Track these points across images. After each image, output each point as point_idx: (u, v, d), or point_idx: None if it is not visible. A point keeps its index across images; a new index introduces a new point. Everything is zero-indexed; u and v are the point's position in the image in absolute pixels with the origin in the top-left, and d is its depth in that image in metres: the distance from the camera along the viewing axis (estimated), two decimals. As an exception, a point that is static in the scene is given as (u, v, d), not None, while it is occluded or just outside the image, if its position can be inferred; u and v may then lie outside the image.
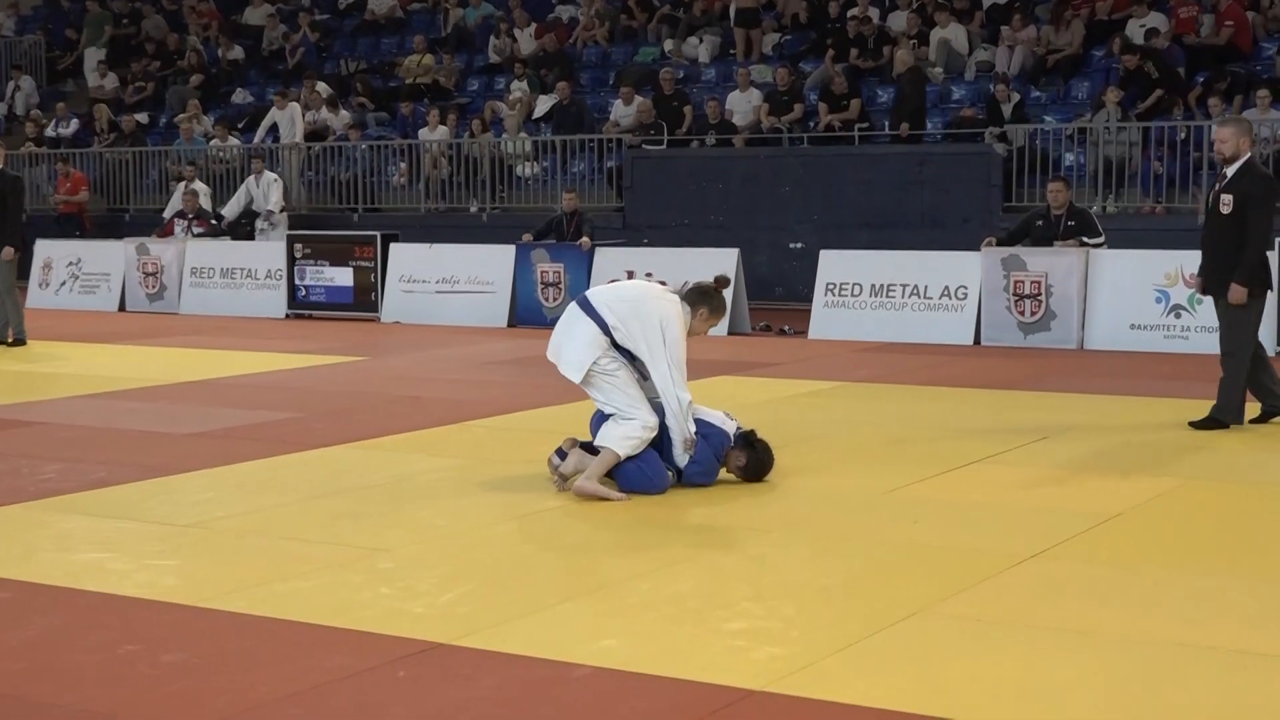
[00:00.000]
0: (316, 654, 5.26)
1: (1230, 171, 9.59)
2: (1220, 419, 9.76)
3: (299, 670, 5.09)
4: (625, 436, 7.77)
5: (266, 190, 21.05)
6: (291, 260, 18.99)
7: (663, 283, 8.62)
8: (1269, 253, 10.17)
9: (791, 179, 19.04)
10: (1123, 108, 17.88)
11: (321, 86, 24.35)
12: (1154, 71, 18.51)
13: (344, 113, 23.62)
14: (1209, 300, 13.91)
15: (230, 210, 21.24)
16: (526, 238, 17.47)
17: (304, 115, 23.25)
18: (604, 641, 5.36)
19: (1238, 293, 9.59)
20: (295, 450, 9.26)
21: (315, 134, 23.28)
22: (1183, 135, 17.33)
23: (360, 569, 6.39)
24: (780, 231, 18.99)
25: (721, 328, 16.19)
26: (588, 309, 7.98)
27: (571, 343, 7.98)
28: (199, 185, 21.62)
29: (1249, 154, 9.65)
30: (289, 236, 19.31)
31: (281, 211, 20.89)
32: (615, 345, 7.88)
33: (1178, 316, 14.36)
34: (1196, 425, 9.75)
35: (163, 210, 21.97)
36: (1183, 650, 5.22)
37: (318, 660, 5.19)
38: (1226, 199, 9.54)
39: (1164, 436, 9.69)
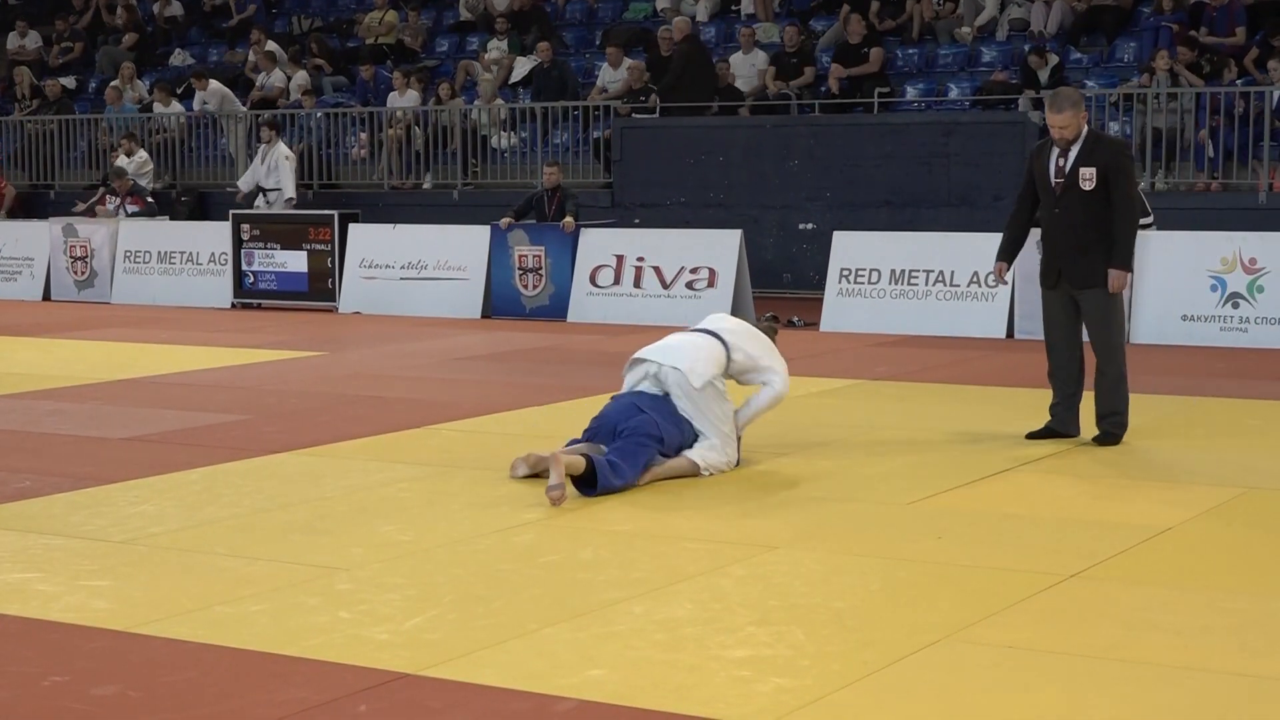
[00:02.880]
0: (267, 686, 5.25)
1: (1077, 148, 9.50)
2: (1117, 434, 9.59)
3: (247, 705, 5.09)
4: (710, 463, 8.64)
5: (275, 166, 20.38)
6: (238, 243, 18.97)
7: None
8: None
9: (801, 151, 19.05)
10: (1172, 76, 17.89)
11: (272, 46, 24.33)
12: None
13: (301, 73, 23.58)
14: (1271, 288, 14.12)
15: (245, 182, 20.81)
16: (506, 221, 17.46)
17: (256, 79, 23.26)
18: (591, 671, 5.36)
19: (1120, 279, 9.48)
20: (242, 457, 9.25)
21: (264, 101, 23.27)
22: (1240, 108, 17.34)
23: (316, 590, 6.39)
24: (788, 211, 19.00)
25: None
26: (704, 330, 9.02)
27: (697, 351, 8.78)
28: (140, 155, 21.59)
29: (1086, 126, 9.62)
30: (235, 216, 19.27)
31: (288, 201, 20.30)
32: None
33: (1235, 306, 14.38)
34: (1101, 440, 9.56)
35: (94, 186, 21.91)
36: (1243, 681, 5.22)
37: (268, 693, 5.18)
38: (1087, 172, 9.44)
39: (1221, 441, 9.71)
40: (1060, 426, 9.72)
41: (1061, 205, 9.56)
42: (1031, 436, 9.72)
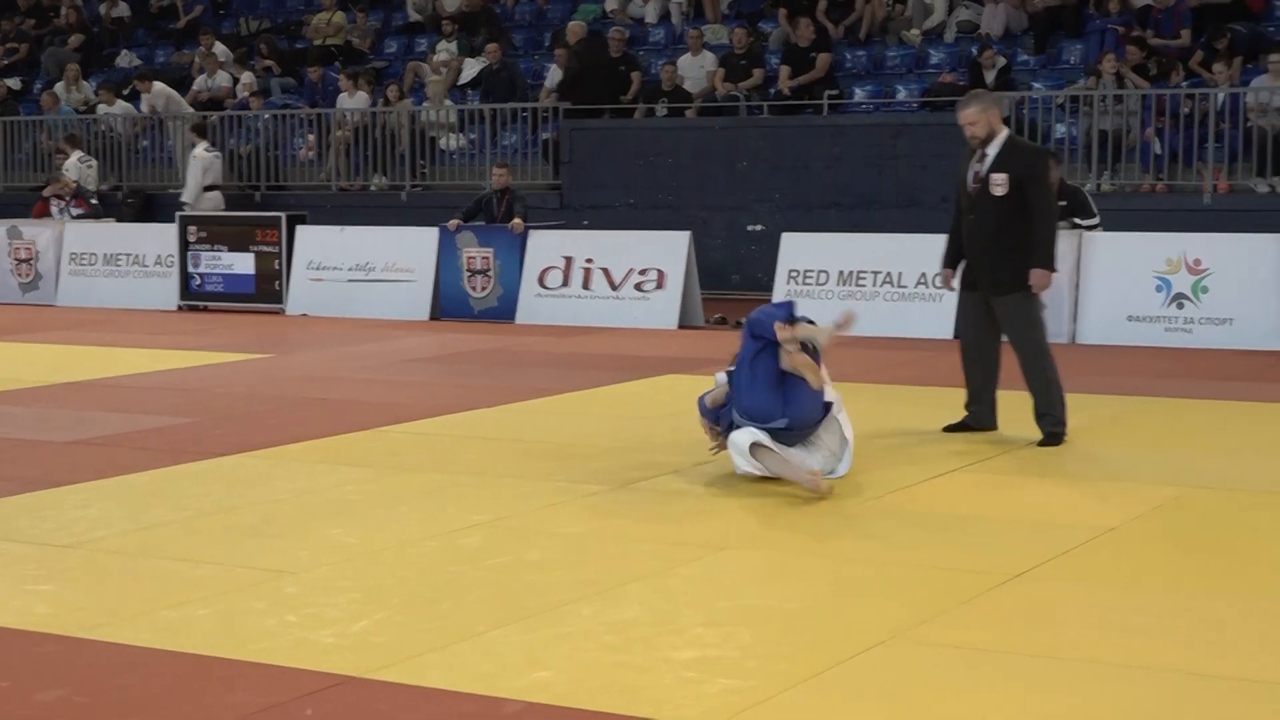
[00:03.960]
0: (213, 690, 5.22)
1: (992, 150, 9.57)
2: (1057, 432, 9.65)
3: (193, 709, 5.06)
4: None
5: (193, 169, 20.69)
6: (184, 245, 18.88)
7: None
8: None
9: (750, 153, 19.08)
10: (1118, 78, 17.99)
11: (219, 48, 24.22)
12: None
13: (247, 74, 23.48)
14: (1216, 289, 14.22)
15: (190, 192, 20.84)
16: (454, 223, 17.42)
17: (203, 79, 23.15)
18: (539, 673, 5.35)
19: (1043, 278, 9.52)
20: (189, 460, 9.20)
21: (212, 102, 23.16)
22: (1186, 109, 17.45)
23: (263, 594, 6.35)
24: (737, 212, 19.02)
25: (670, 320, 16.24)
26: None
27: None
28: (76, 155, 21.44)
29: (1006, 130, 9.69)
30: (181, 218, 19.19)
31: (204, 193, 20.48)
32: None
33: (1180, 307, 14.47)
34: (1044, 443, 9.57)
35: (41, 188, 21.78)
36: (1191, 680, 5.25)
37: (215, 697, 5.15)
38: (999, 178, 9.50)
39: (1165, 440, 9.77)
40: (975, 422, 9.85)
41: (976, 211, 9.65)
42: (949, 429, 9.88)
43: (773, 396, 8.25)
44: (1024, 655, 5.51)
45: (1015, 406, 9.84)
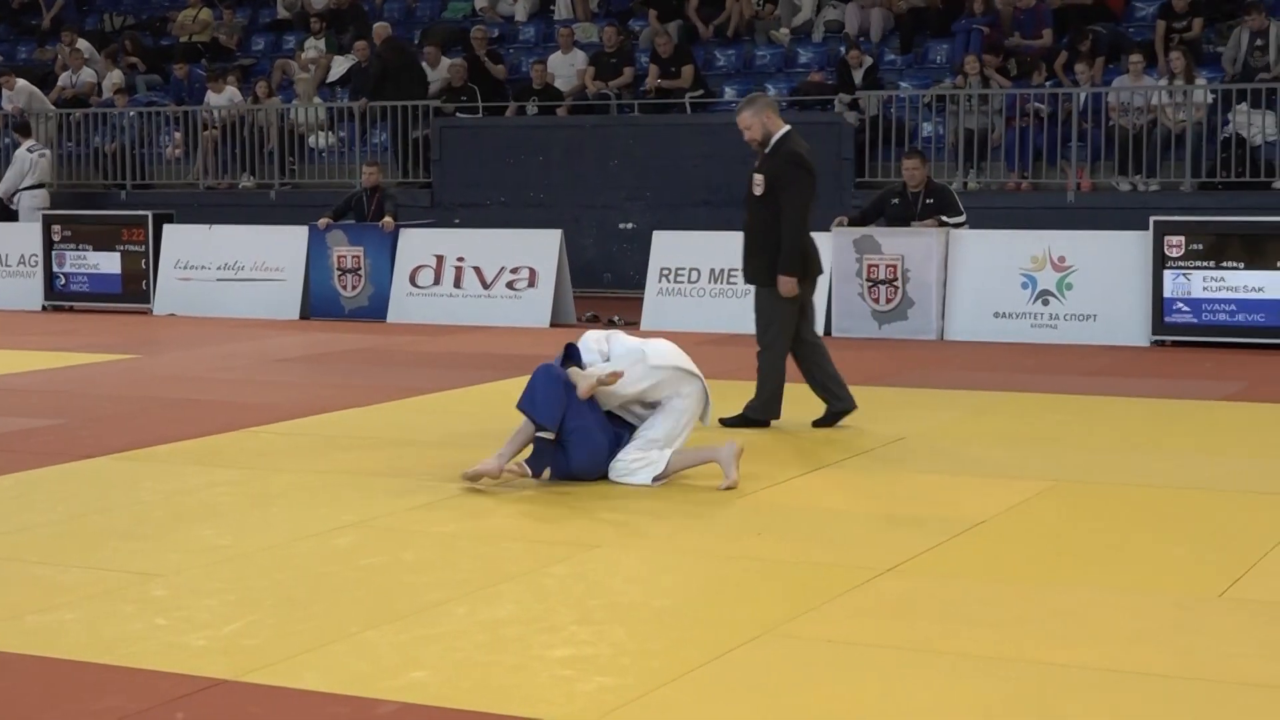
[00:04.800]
0: (81, 696, 5.16)
1: (766, 151, 9.91)
2: (754, 417, 10.04)
3: (61, 715, 4.99)
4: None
5: (32, 165, 20.47)
6: (49, 244, 18.64)
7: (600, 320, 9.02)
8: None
9: (621, 151, 19.12)
10: (983, 78, 18.22)
11: (82, 44, 23.89)
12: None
13: (116, 72, 23.17)
14: (1080, 285, 14.47)
15: (5, 187, 20.65)
16: (324, 221, 17.31)
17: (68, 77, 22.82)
18: (413, 674, 5.33)
19: (787, 284, 9.85)
20: (54, 462, 9.08)
21: (76, 100, 22.84)
22: (1048, 109, 17.70)
23: (131, 597, 6.28)
24: (608, 210, 19.06)
25: (543, 318, 16.24)
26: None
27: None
28: None
29: (784, 130, 9.93)
30: (45, 217, 18.95)
31: (16, 194, 20.22)
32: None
33: (1045, 303, 14.69)
34: (727, 422, 9.95)
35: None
36: (1055, 670, 5.33)
37: (82, 703, 5.09)
38: (758, 179, 9.88)
39: (1031, 435, 9.91)
40: (838, 407, 10.09)
41: (747, 208, 10.07)
42: (817, 424, 10.09)
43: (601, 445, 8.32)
44: (893, 649, 5.58)
45: (864, 405, 9.95)
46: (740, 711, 5.00)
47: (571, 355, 8.38)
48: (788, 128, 9.95)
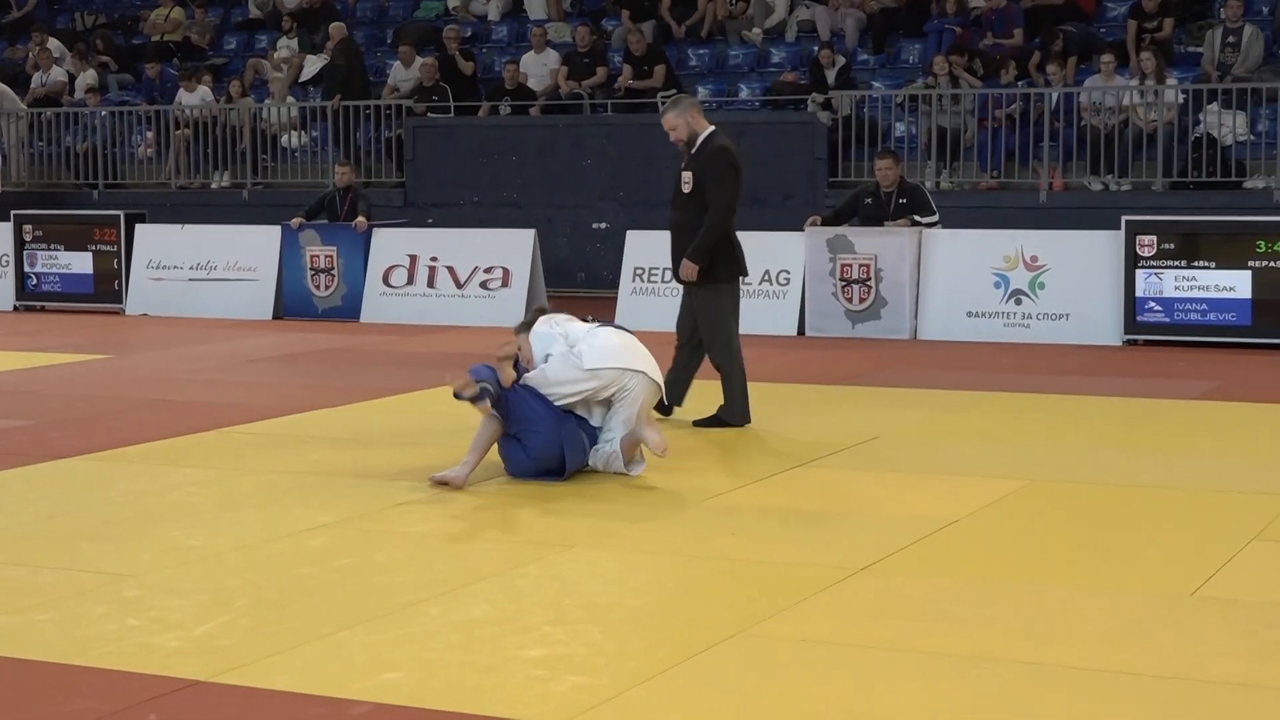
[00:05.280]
0: (52, 698, 5.14)
1: (693, 150, 10.11)
2: (729, 420, 10.08)
3: (33, 717, 4.98)
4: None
5: None
6: (20, 244, 18.57)
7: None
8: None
9: (594, 150, 19.11)
10: (953, 78, 18.25)
11: (53, 43, 23.80)
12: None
13: (90, 71, 23.09)
14: (1051, 284, 14.50)
15: None
16: (297, 221, 17.27)
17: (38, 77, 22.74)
18: (387, 674, 5.32)
19: (688, 269, 10.05)
20: (25, 463, 9.05)
21: (48, 99, 22.76)
22: (1017, 107, 17.74)
23: (103, 598, 6.26)
24: (582, 210, 19.04)
25: (516, 318, 16.18)
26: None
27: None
28: None
29: (709, 129, 10.16)
30: (16, 217, 18.87)
31: None
32: None
33: (1018, 303, 14.72)
34: (700, 423, 10.06)
35: None
36: (1029, 669, 5.35)
37: (54, 705, 5.08)
38: (687, 176, 10.10)
39: (1004, 434, 9.93)
40: (667, 398, 10.06)
41: (675, 207, 10.24)
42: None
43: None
44: (867, 648, 5.58)
45: (837, 404, 9.96)
46: (715, 711, 5.00)
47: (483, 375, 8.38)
48: (713, 128, 10.16)
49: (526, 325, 8.77)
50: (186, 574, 6.64)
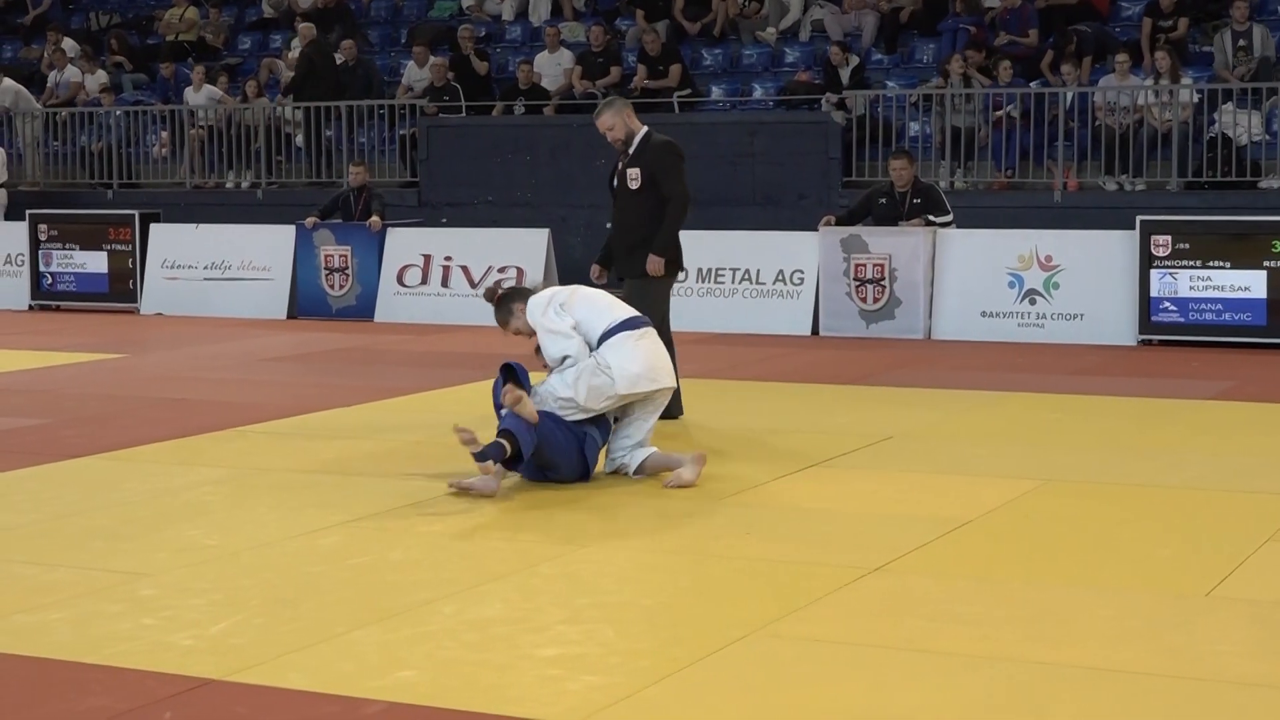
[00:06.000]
0: (67, 696, 5.15)
1: (631, 148, 10.18)
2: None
3: (47, 715, 4.99)
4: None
5: None
6: (35, 243, 18.61)
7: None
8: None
9: (608, 150, 18.85)
10: (966, 78, 18.22)
11: (68, 43, 23.84)
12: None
13: (101, 72, 23.14)
14: (1067, 285, 14.49)
15: None
16: (311, 220, 17.29)
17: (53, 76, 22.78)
18: (401, 673, 5.33)
19: (655, 263, 10.15)
20: (40, 462, 9.06)
21: (63, 99, 22.80)
22: (1018, 109, 17.71)
23: (118, 597, 6.27)
24: (596, 210, 18.96)
25: (530, 318, 16.20)
26: None
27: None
28: None
29: (644, 129, 10.29)
30: (32, 216, 18.91)
31: None
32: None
33: (1032, 303, 14.71)
34: None
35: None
36: (1040, 669, 5.34)
37: (69, 703, 5.08)
38: (633, 173, 10.19)
39: (1018, 434, 9.92)
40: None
41: (619, 205, 10.34)
42: None
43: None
44: (880, 648, 5.58)
45: (851, 404, 9.95)
46: (728, 710, 5.00)
47: (516, 374, 8.31)
48: (646, 127, 10.30)
49: (519, 293, 8.65)
50: (200, 573, 6.65)
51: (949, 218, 15.11)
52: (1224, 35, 18.00)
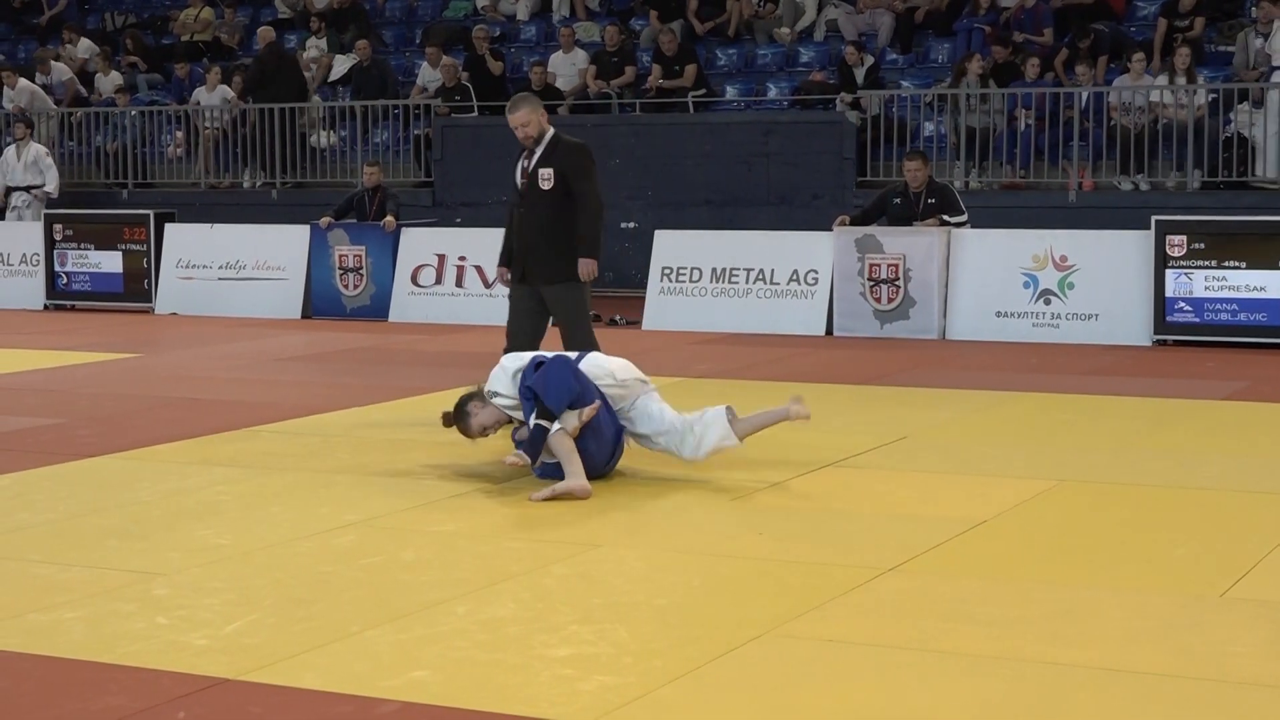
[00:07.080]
0: (82, 695, 5.16)
1: (540, 148, 10.15)
2: None
3: (62, 714, 4.99)
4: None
5: (33, 162, 20.30)
6: (50, 243, 18.64)
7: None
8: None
9: (622, 150, 19.10)
10: (983, 79, 18.21)
11: (84, 44, 23.89)
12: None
13: (113, 73, 23.20)
14: (1081, 285, 14.47)
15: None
16: (325, 220, 17.31)
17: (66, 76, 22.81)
18: (414, 673, 5.33)
19: (588, 266, 10.05)
20: (54, 461, 9.08)
21: (76, 98, 22.84)
22: (1048, 108, 17.70)
23: (132, 596, 6.28)
24: (610, 210, 18.82)
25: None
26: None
27: None
28: None
29: (552, 129, 10.30)
30: (47, 216, 18.98)
31: (47, 195, 20.20)
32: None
33: (1047, 303, 14.68)
34: None
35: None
36: (1053, 670, 5.33)
37: (83, 702, 5.09)
38: (545, 173, 10.10)
39: (1033, 434, 9.90)
40: None
41: (526, 205, 10.19)
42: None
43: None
44: (894, 648, 5.57)
45: (866, 404, 9.93)
46: (742, 710, 5.00)
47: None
48: (553, 129, 10.30)
49: (467, 398, 8.52)
50: (214, 572, 6.66)
51: (964, 218, 15.09)
52: (1246, 35, 17.95)
